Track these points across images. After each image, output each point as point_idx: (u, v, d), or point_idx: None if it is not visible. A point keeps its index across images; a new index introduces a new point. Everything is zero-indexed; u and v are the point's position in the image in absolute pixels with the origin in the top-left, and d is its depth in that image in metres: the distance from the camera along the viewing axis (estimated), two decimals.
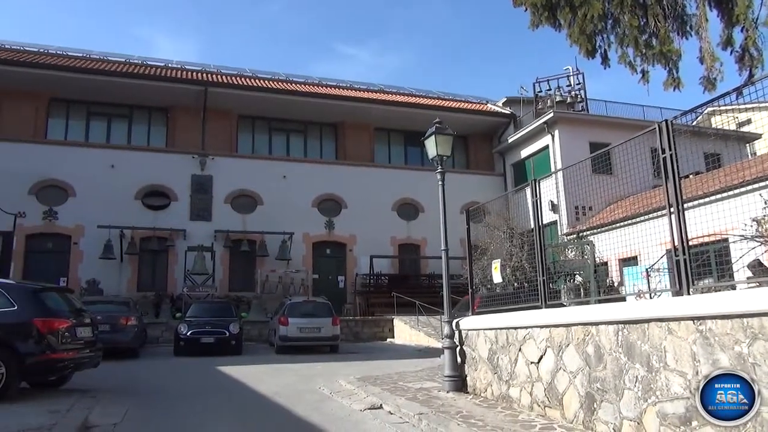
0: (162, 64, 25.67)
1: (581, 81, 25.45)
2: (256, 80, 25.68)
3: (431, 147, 9.02)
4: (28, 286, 8.21)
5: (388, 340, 19.68)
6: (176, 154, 22.32)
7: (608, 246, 7.53)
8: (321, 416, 6.84)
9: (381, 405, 7.32)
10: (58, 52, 24.36)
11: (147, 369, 11.91)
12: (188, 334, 14.74)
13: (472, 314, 8.61)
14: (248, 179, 22.73)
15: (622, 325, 5.17)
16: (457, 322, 8.53)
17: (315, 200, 23.49)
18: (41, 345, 7.36)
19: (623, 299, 7.93)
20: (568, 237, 18.33)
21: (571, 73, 25.54)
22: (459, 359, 8.33)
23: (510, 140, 25.30)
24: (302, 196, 23.13)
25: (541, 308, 6.87)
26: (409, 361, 12.81)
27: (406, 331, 19.15)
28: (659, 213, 5.35)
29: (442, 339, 8.60)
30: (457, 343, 8.39)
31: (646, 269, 9.32)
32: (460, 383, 8.14)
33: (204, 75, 24.61)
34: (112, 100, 22.55)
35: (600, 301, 7.05)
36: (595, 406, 5.41)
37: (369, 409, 7.22)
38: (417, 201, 24.51)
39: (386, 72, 78.78)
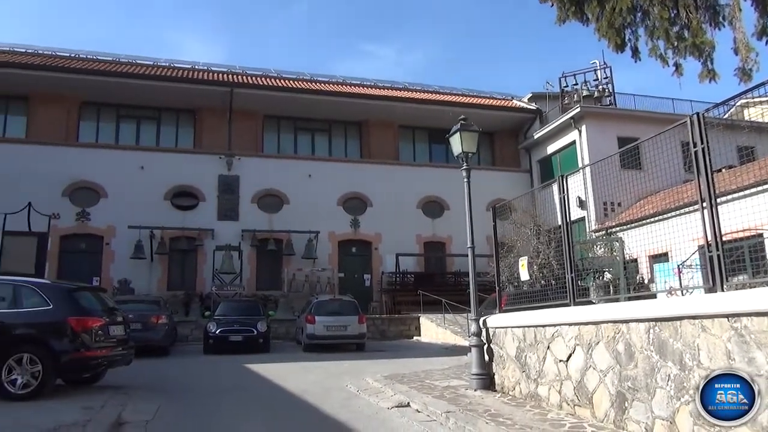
0: (189, 66, 26.07)
1: (609, 75, 25.08)
2: (281, 80, 25.88)
3: (456, 144, 8.97)
4: (63, 286, 8.42)
5: (415, 338, 19.66)
6: (203, 155, 22.64)
7: (638, 242, 7.38)
8: (348, 414, 6.87)
9: (408, 403, 7.32)
10: (88, 56, 24.90)
11: (177, 367, 12.12)
12: (217, 332, 14.94)
13: (500, 312, 8.54)
14: (274, 179, 22.93)
15: (654, 323, 5.07)
16: (484, 320, 8.48)
17: (340, 199, 23.58)
18: (75, 343, 7.54)
19: (654, 296, 7.78)
20: (597, 233, 18.06)
21: (598, 67, 25.16)
22: (486, 357, 8.28)
23: (536, 136, 25.03)
24: (327, 194, 23.24)
25: (570, 306, 6.79)
26: (436, 359, 12.79)
27: (432, 329, 19.11)
28: (691, 208, 5.23)
29: (469, 337, 8.56)
30: (485, 341, 8.34)
31: (678, 265, 9.13)
32: (487, 381, 8.09)
33: (230, 76, 24.90)
34: (141, 103, 22.96)
35: (630, 299, 6.93)
36: (626, 405, 5.32)
37: (396, 407, 7.22)
38: (442, 198, 24.42)
39: (410, 69, 78.69)
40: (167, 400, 7.74)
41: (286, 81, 25.90)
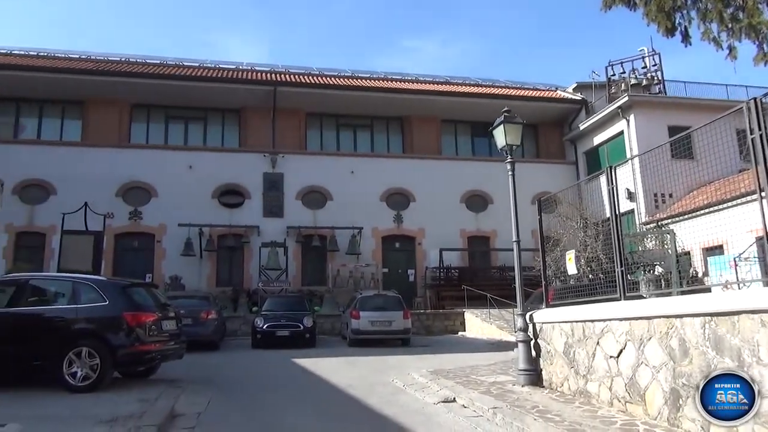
0: (233, 67, 26.59)
1: (657, 62, 24.22)
2: (323, 78, 26.08)
3: (500, 137, 8.86)
4: (118, 283, 8.73)
5: (460, 333, 19.55)
6: (248, 154, 23.05)
7: (691, 234, 7.13)
8: (394, 409, 6.90)
9: (454, 398, 7.29)
10: (138, 60, 25.70)
11: (227, 361, 12.41)
12: (264, 327, 15.22)
13: (546, 307, 8.41)
14: (317, 175, 23.16)
15: (710, 318, 4.89)
16: (531, 315, 8.36)
17: (383, 194, 23.63)
18: (131, 337, 7.83)
19: (708, 290, 7.50)
20: (647, 226, 17.53)
21: (647, 54, 24.33)
22: (533, 353, 8.16)
23: (582, 127, 24.45)
24: (370, 190, 23.32)
25: (620, 300, 6.61)
26: (482, 355, 12.69)
27: (477, 324, 18.95)
28: (748, 198, 5.01)
29: (516, 332, 8.46)
30: (531, 337, 8.23)
31: (734, 258, 8.77)
32: (535, 377, 7.97)
33: (273, 75, 25.26)
34: (188, 104, 23.54)
35: (683, 293, 6.69)
36: (680, 402, 5.15)
37: (442, 402, 7.21)
38: (486, 192, 24.16)
39: (452, 63, 78.06)
40: (218, 393, 7.94)
41: (328, 78, 26.09)
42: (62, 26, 69.32)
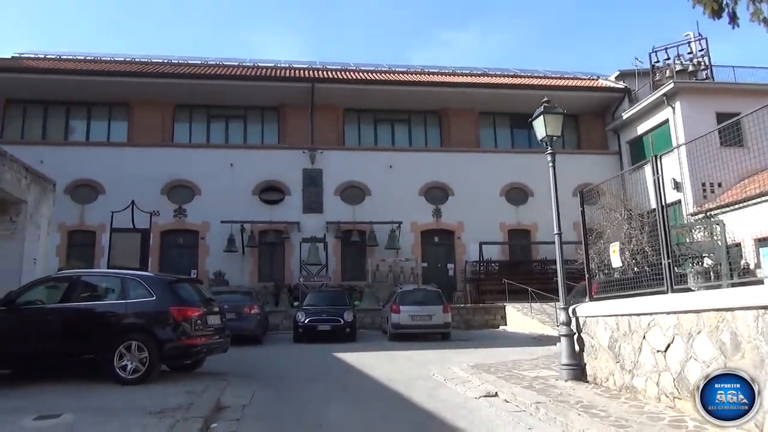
0: (272, 65, 26.92)
1: (704, 47, 23.33)
2: (360, 73, 26.16)
3: (540, 128, 8.72)
4: (164, 278, 8.97)
5: (501, 327, 19.37)
6: (288, 150, 23.33)
7: (742, 225, 6.85)
8: (436, 403, 6.89)
9: (496, 393, 7.23)
10: (180, 61, 26.31)
11: (270, 355, 12.62)
12: (306, 321, 15.40)
13: (590, 300, 8.24)
14: (356, 171, 23.28)
15: (763, 311, 4.70)
16: (574, 309, 8.21)
17: (421, 188, 23.57)
18: (177, 331, 8.04)
19: (761, 282, 7.21)
20: (695, 217, 16.96)
21: (693, 39, 23.46)
22: (577, 347, 8.01)
23: (625, 116, 23.81)
24: (409, 185, 23.30)
25: (667, 293, 6.42)
26: (523, 349, 12.55)
27: (518, 318, 18.75)
28: None
29: (558, 326, 8.33)
30: (575, 331, 8.08)
31: None
32: (578, 372, 7.83)
33: (310, 72, 25.47)
34: (229, 103, 23.96)
35: (734, 285, 6.45)
36: None
37: (484, 396, 7.15)
38: (526, 185, 23.85)
39: (489, 55, 77.10)
40: (261, 386, 8.09)
41: (365, 74, 26.15)
42: (106, 30, 71.53)
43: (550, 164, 8.68)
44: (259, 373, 9.43)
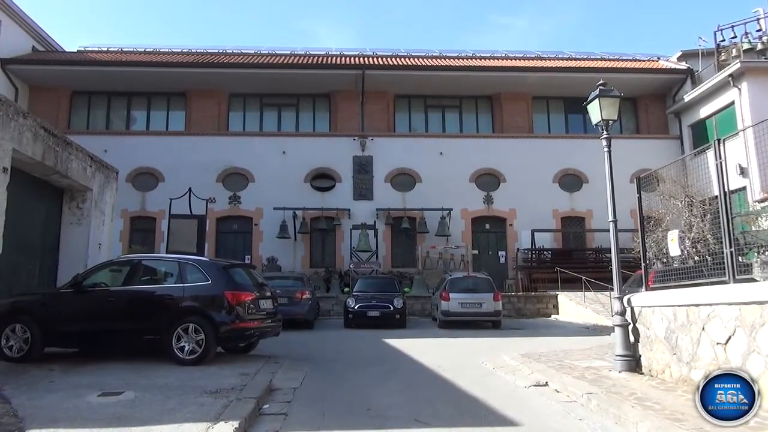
0: (323, 53, 27.09)
1: None
2: (411, 59, 25.99)
3: (595, 112, 8.46)
4: (219, 263, 9.25)
5: (553, 316, 19.07)
6: (339, 138, 23.51)
7: None
8: (484, 391, 6.85)
9: (546, 382, 7.13)
10: (234, 51, 26.85)
11: (320, 339, 12.85)
12: (356, 307, 15.57)
13: (646, 290, 8.00)
14: (406, 157, 23.24)
15: None
16: (629, 299, 7.99)
17: (472, 175, 23.33)
18: (232, 315, 8.28)
19: None
20: (762, 204, 16.11)
21: (762, 16, 22.08)
22: (631, 338, 7.80)
23: (687, 99, 22.77)
24: (459, 171, 23.09)
25: (728, 284, 6.15)
26: (576, 339, 12.34)
27: (571, 307, 18.40)
28: None
29: (612, 316, 8.13)
30: (629, 321, 7.87)
31: None
32: (633, 363, 7.63)
33: (361, 59, 25.45)
34: (281, 91, 24.31)
35: None
36: None
37: (534, 386, 7.07)
38: (580, 171, 23.25)
39: (543, 38, 75.06)
40: (312, 369, 8.26)
41: (415, 60, 25.97)
42: (165, 23, 73.67)
43: (606, 149, 8.44)
44: (310, 358, 9.62)
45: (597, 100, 8.37)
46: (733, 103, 20.36)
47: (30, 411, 5.25)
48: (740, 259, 6.41)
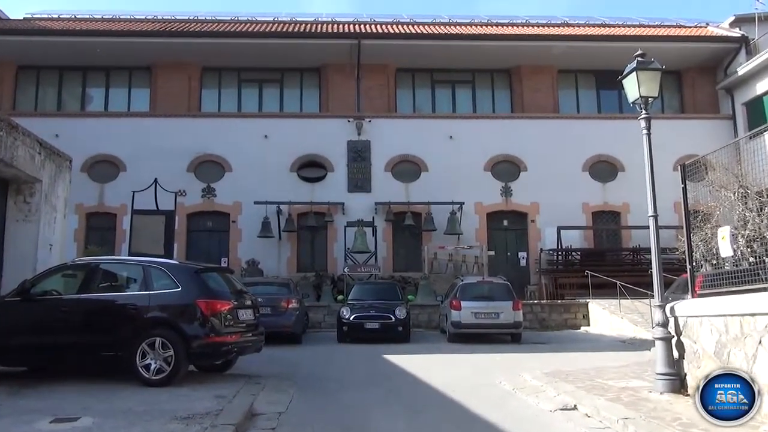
0: (312, 19, 27.06)
1: None
2: (415, 27, 25.95)
3: (632, 87, 8.45)
4: (191, 267, 9.27)
5: (582, 328, 19.11)
6: (330, 119, 23.52)
7: None
8: (502, 416, 6.85)
9: (575, 406, 7.15)
10: (207, 17, 26.85)
11: (310, 356, 12.85)
12: (351, 318, 15.58)
13: (693, 297, 8.00)
14: (410, 142, 23.24)
15: None
16: (672, 308, 7.99)
17: (488, 163, 23.33)
18: (205, 327, 8.26)
19: None
20: None
21: None
22: (675, 353, 7.81)
23: (741, 72, 22.79)
24: (472, 158, 23.08)
25: None
26: (610, 355, 12.37)
27: (604, 317, 18.43)
28: None
29: (652, 328, 8.16)
30: (673, 334, 7.88)
31: None
32: (677, 383, 7.63)
33: (356, 27, 25.42)
34: (263, 65, 24.31)
35: None
36: None
37: (560, 409, 7.09)
38: (615, 158, 23.28)
39: (571, 1, 74.85)
40: (300, 391, 8.25)
41: (421, 27, 25.92)
42: None
43: (645, 132, 8.43)
44: (298, 377, 9.60)
45: (634, 73, 8.35)
46: None
47: None
48: None
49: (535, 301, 20.40)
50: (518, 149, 23.42)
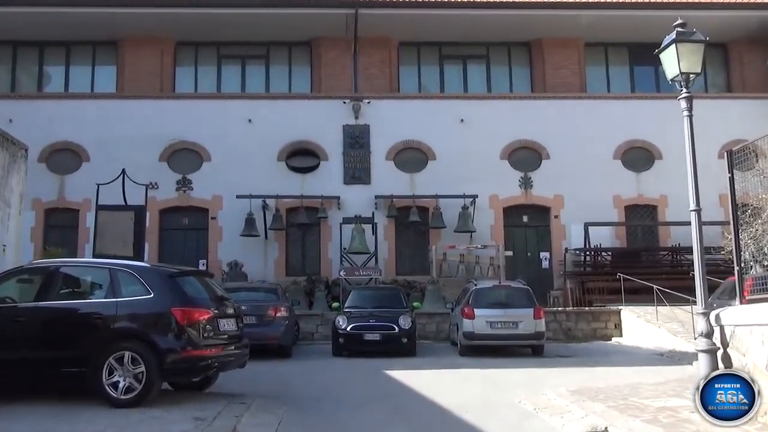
0: None
1: None
2: None
3: (671, 62, 8.46)
4: (165, 271, 9.19)
5: (614, 339, 19.15)
6: (324, 101, 23.51)
7: None
8: None
9: (606, 428, 7.15)
10: None
11: (301, 371, 12.86)
12: (348, 329, 15.53)
13: (741, 303, 8.00)
14: (415, 127, 23.21)
15: None
16: (718, 315, 8.01)
17: (504, 150, 23.33)
18: (181, 340, 8.22)
19: None
20: None
21: None
22: (722, 367, 7.81)
23: None
24: (487, 145, 23.08)
25: None
26: (646, 369, 12.40)
27: (639, 326, 18.45)
28: None
29: (695, 339, 8.17)
30: (719, 345, 7.90)
31: None
32: None
33: None
34: (246, 38, 24.24)
35: None
36: None
37: None
38: (651, 143, 23.29)
39: None
40: (291, 412, 8.25)
41: None
42: None
43: (686, 113, 8.44)
44: (288, 396, 9.62)
45: (674, 46, 8.36)
46: None
47: None
48: None
49: (560, 309, 20.44)
50: (539, 134, 23.40)
